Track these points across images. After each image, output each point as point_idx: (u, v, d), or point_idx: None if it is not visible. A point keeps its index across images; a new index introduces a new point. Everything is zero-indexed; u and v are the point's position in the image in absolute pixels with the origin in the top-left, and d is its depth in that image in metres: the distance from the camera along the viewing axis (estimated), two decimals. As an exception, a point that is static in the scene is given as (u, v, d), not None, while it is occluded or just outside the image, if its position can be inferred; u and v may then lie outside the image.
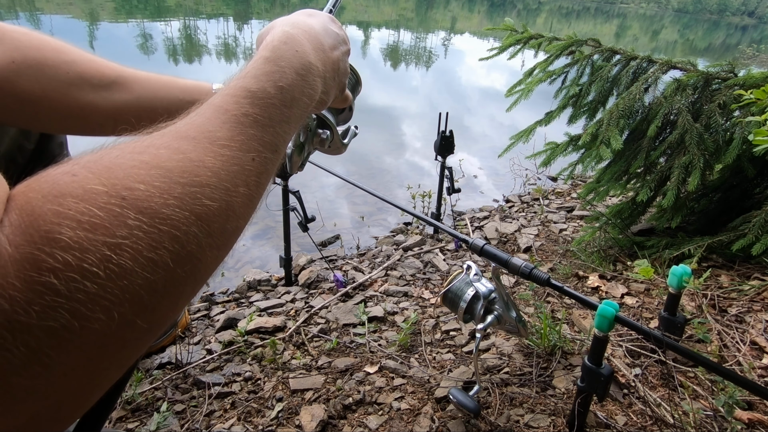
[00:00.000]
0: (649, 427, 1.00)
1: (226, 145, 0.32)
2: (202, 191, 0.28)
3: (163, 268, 0.25)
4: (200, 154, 0.30)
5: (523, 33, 2.09)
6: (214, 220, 0.29)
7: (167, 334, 1.44)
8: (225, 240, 0.30)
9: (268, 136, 0.35)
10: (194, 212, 0.27)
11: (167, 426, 1.14)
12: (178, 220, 0.26)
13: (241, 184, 0.32)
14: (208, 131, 0.32)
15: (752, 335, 1.25)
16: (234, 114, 0.34)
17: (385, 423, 1.09)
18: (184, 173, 0.28)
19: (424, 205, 3.00)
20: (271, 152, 0.36)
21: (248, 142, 0.33)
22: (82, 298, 0.21)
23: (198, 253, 0.27)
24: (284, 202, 1.77)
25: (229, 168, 0.31)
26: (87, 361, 0.23)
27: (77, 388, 0.24)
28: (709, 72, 1.73)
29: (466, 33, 17.11)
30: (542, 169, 3.01)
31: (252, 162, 0.33)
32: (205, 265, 0.29)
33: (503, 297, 1.01)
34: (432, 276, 1.97)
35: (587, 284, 1.67)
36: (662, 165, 1.75)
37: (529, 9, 47.28)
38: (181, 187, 0.27)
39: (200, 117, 0.33)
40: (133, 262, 0.23)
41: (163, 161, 0.28)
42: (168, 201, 0.26)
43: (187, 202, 0.27)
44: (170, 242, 0.25)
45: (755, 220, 1.50)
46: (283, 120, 0.37)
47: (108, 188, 0.24)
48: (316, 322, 1.58)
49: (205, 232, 0.28)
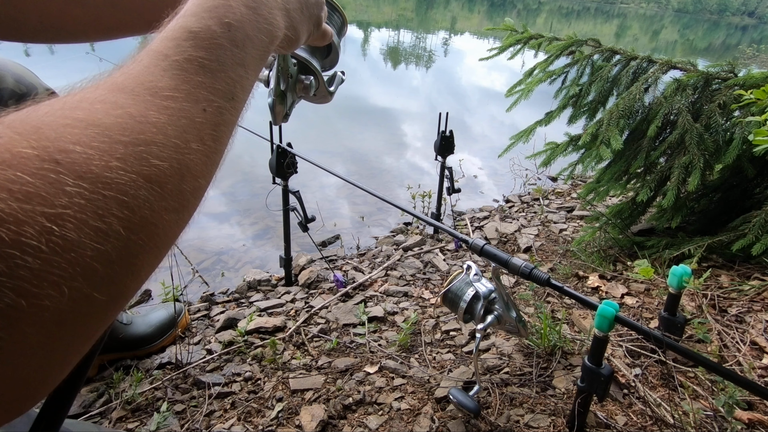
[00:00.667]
0: (649, 427, 1.00)
1: (170, 96, 0.28)
2: (149, 150, 0.26)
3: (114, 236, 0.23)
4: (142, 108, 0.27)
5: (523, 33, 2.09)
6: (167, 181, 0.26)
7: (167, 335, 1.44)
8: (183, 201, 0.28)
9: (220, 82, 0.31)
10: (142, 174, 0.25)
11: (167, 426, 1.14)
12: (125, 184, 0.24)
13: (193, 140, 0.29)
14: (149, 81, 0.28)
15: (752, 335, 1.25)
16: (175, 59, 0.30)
17: (385, 423, 1.09)
18: (126, 130, 0.25)
19: (424, 205, 3.00)
20: (225, 100, 0.32)
21: (196, 91, 0.30)
22: (25, 275, 0.20)
23: (153, 218, 0.25)
24: (284, 202, 1.77)
25: (176, 122, 0.28)
26: (46, 338, 0.22)
27: (41, 365, 0.23)
28: (709, 72, 1.73)
29: (466, 33, 17.11)
30: (542, 169, 3.01)
31: (203, 113, 0.30)
32: (164, 230, 0.27)
33: (503, 297, 1.01)
34: (432, 276, 1.97)
35: (587, 284, 1.67)
36: (662, 165, 1.75)
37: (529, 9, 47.27)
38: (123, 147, 0.24)
39: (138, 65, 0.29)
40: (78, 232, 0.22)
41: (100, 118, 0.25)
42: (110, 163, 0.24)
43: (133, 163, 0.25)
44: (118, 208, 0.23)
45: (755, 220, 1.50)
46: (236, 63, 0.33)
47: (39, 151, 0.22)
48: (316, 322, 1.58)
49: (157, 194, 0.26)
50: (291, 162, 1.68)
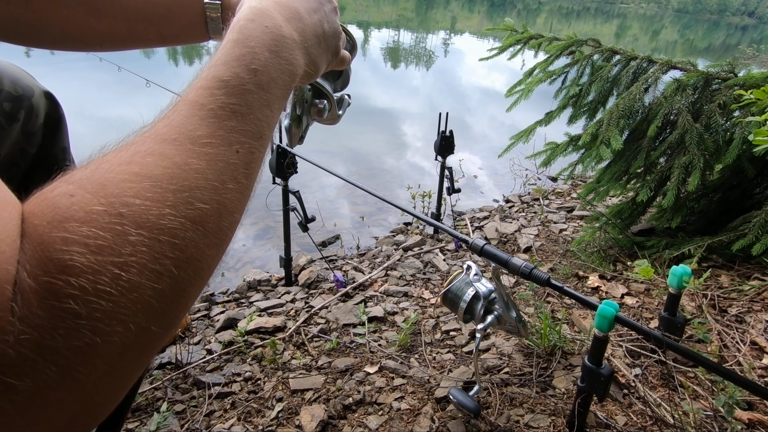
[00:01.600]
0: (649, 427, 1.00)
1: (207, 143, 0.31)
2: (193, 195, 0.29)
3: (167, 275, 0.26)
4: (184, 156, 0.30)
5: (523, 33, 2.09)
6: (209, 221, 0.29)
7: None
8: (222, 237, 0.31)
9: (249, 125, 0.35)
10: (188, 217, 0.28)
11: (167, 426, 1.14)
12: (175, 228, 0.27)
13: (229, 180, 0.32)
14: (188, 131, 0.31)
15: (752, 335, 1.25)
16: (210, 108, 0.33)
17: (385, 423, 1.09)
18: (173, 179, 0.28)
19: (424, 205, 3.00)
20: (254, 140, 0.35)
21: (229, 136, 0.33)
22: (100, 316, 0.23)
23: (198, 255, 0.28)
24: (284, 202, 1.77)
25: (214, 166, 0.31)
26: (111, 369, 0.25)
27: (105, 393, 0.26)
28: (709, 72, 1.73)
29: (466, 33, 17.11)
30: (542, 169, 3.01)
31: (236, 155, 0.33)
32: (206, 264, 0.30)
33: (503, 297, 1.01)
34: (432, 276, 1.97)
35: (587, 284, 1.67)
36: (662, 165, 1.75)
37: (529, 9, 47.27)
38: (172, 195, 0.28)
39: (178, 115, 0.32)
40: (140, 275, 0.25)
41: (151, 170, 0.28)
42: (163, 211, 0.27)
43: (181, 209, 0.28)
44: (171, 250, 0.27)
45: (755, 220, 1.50)
46: (263, 105, 0.36)
47: (106, 207, 0.25)
48: (316, 322, 1.58)
49: (201, 233, 0.29)
50: (291, 162, 1.68)
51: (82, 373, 0.23)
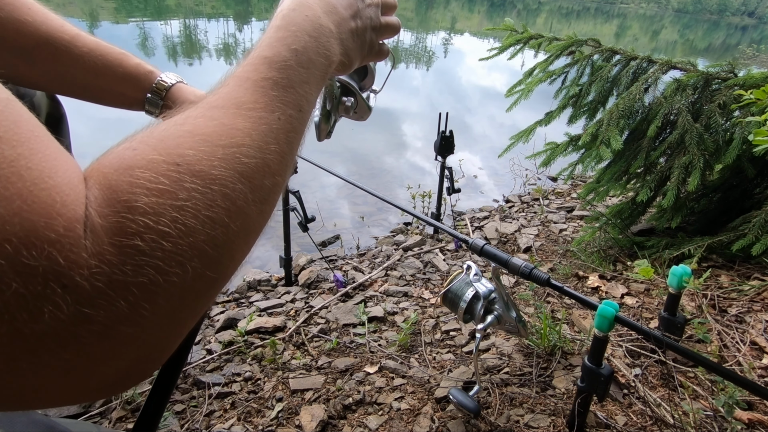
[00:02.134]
0: (649, 427, 1.00)
1: (251, 107, 0.35)
2: (240, 150, 0.31)
3: (220, 223, 0.28)
4: (231, 118, 0.33)
5: (523, 33, 2.09)
6: (254, 176, 0.32)
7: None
8: (265, 195, 0.34)
9: (290, 96, 0.38)
10: (237, 170, 0.30)
11: (167, 426, 1.14)
12: (225, 179, 0.29)
13: (272, 142, 0.35)
14: (234, 98, 0.35)
15: (752, 335, 1.25)
16: (254, 80, 0.37)
17: (385, 423, 1.09)
18: (222, 136, 0.31)
19: (424, 205, 3.00)
20: (295, 110, 0.38)
21: (271, 104, 0.36)
22: (161, 255, 0.25)
23: (246, 208, 0.31)
24: (284, 202, 1.77)
25: (258, 128, 0.34)
26: (171, 311, 0.27)
27: (166, 335, 0.28)
28: (709, 72, 1.73)
29: (466, 33, 17.11)
30: (542, 169, 3.01)
31: (278, 121, 0.36)
32: (253, 219, 0.32)
33: (503, 297, 1.01)
34: (432, 276, 1.97)
35: (587, 284, 1.67)
36: (662, 165, 1.75)
37: (529, 9, 47.29)
38: (222, 149, 0.30)
39: (225, 87, 0.36)
40: (196, 220, 0.27)
41: (202, 128, 0.31)
42: (213, 162, 0.29)
43: (230, 162, 0.30)
44: (222, 200, 0.29)
45: (755, 220, 1.50)
46: (302, 81, 0.40)
47: (165, 157, 0.28)
48: (316, 322, 1.58)
49: (248, 187, 0.31)
50: (291, 162, 1.68)
51: (147, 311, 0.25)
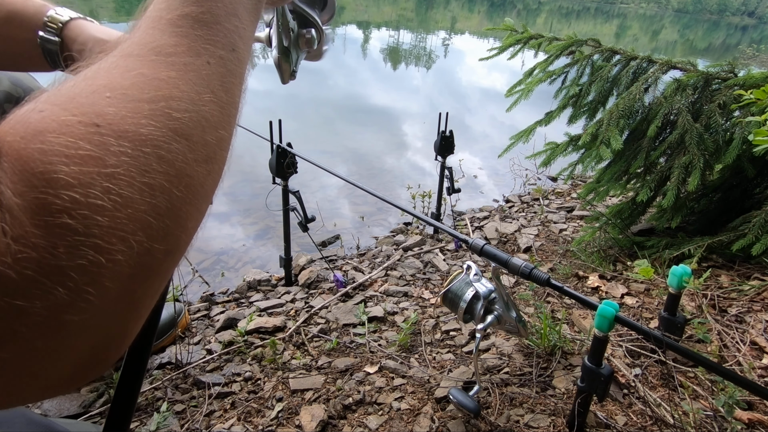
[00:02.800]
0: (649, 427, 1.00)
1: (172, 52, 0.29)
2: (169, 105, 0.27)
3: (160, 190, 0.25)
4: (152, 68, 0.28)
5: (523, 33, 2.09)
6: (192, 133, 0.28)
7: (167, 335, 1.44)
8: (210, 152, 0.29)
9: (217, 34, 0.32)
10: (169, 127, 0.26)
11: (167, 426, 1.14)
12: (158, 139, 0.25)
13: (205, 91, 0.30)
14: (150, 42, 0.29)
15: (752, 335, 1.25)
16: (169, 18, 0.31)
17: (385, 423, 1.09)
18: (144, 89, 0.26)
19: (424, 205, 3.00)
20: (227, 51, 0.32)
21: (196, 45, 0.30)
22: (98, 233, 0.22)
23: (188, 171, 0.27)
24: (284, 202, 1.77)
25: (185, 76, 0.29)
26: (122, 292, 0.24)
27: (122, 318, 0.25)
28: (709, 72, 1.73)
29: (466, 33, 17.12)
30: (542, 169, 3.01)
31: (208, 66, 0.31)
32: (198, 182, 0.28)
33: (503, 297, 1.01)
34: (432, 276, 1.97)
35: (587, 284, 1.67)
36: (662, 165, 1.75)
37: (529, 9, 47.30)
38: (147, 105, 0.26)
39: (137, 31, 0.30)
40: (131, 188, 0.23)
41: (120, 81, 0.26)
42: (140, 120, 0.25)
43: (160, 119, 0.26)
44: (158, 163, 0.25)
45: (755, 220, 1.50)
46: (229, 13, 0.33)
47: (80, 117, 0.23)
48: (316, 322, 1.58)
49: (186, 146, 0.27)
50: (291, 162, 1.68)
51: (93, 295, 0.22)
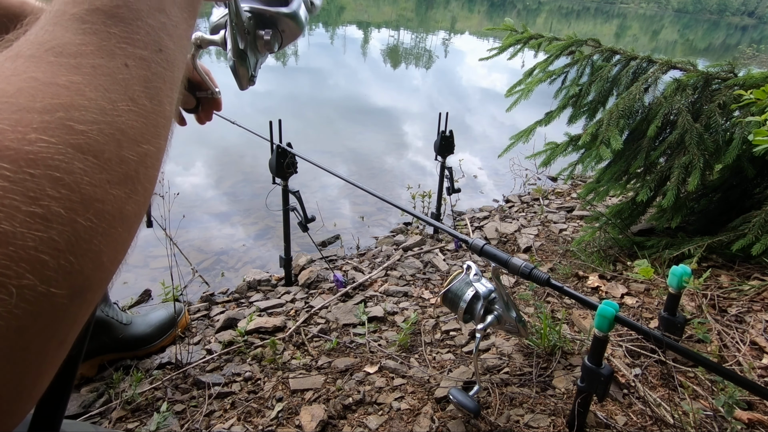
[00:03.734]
0: (649, 427, 1.00)
1: (77, 52, 0.24)
2: (70, 115, 0.22)
3: (56, 220, 0.20)
4: (48, 71, 0.23)
5: (523, 33, 2.09)
6: (102, 149, 0.23)
7: (167, 335, 1.44)
8: (128, 171, 0.24)
9: (138, 32, 0.27)
10: (69, 143, 0.21)
11: (167, 426, 1.14)
12: (52, 157, 0.20)
13: (121, 98, 0.25)
14: (48, 41, 0.24)
15: (752, 335, 1.25)
16: (74, 13, 0.25)
17: (385, 423, 1.09)
18: (35, 97, 0.21)
19: (424, 205, 3.00)
20: (152, 52, 0.27)
21: (109, 45, 0.25)
22: None
23: (98, 194, 0.22)
24: (284, 202, 1.77)
25: (94, 81, 0.24)
26: (9, 349, 0.19)
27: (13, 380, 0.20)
28: (709, 72, 1.73)
29: (466, 33, 17.12)
30: (542, 169, 3.02)
31: (126, 69, 0.25)
32: (114, 206, 0.23)
33: (503, 297, 1.01)
34: (432, 276, 1.97)
35: (587, 284, 1.67)
36: (662, 165, 1.75)
37: (529, 9, 47.32)
38: (39, 115, 0.21)
39: (34, 29, 0.25)
40: (11, 221, 0.19)
41: (2, 87, 0.21)
42: (28, 136, 0.20)
43: (56, 133, 0.21)
44: (52, 187, 0.20)
45: (755, 220, 1.50)
46: (152, 8, 0.28)
47: None
48: (316, 322, 1.58)
49: (94, 166, 0.22)
50: (291, 162, 1.68)
51: None
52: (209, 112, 0.73)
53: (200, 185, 3.13)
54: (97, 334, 1.29)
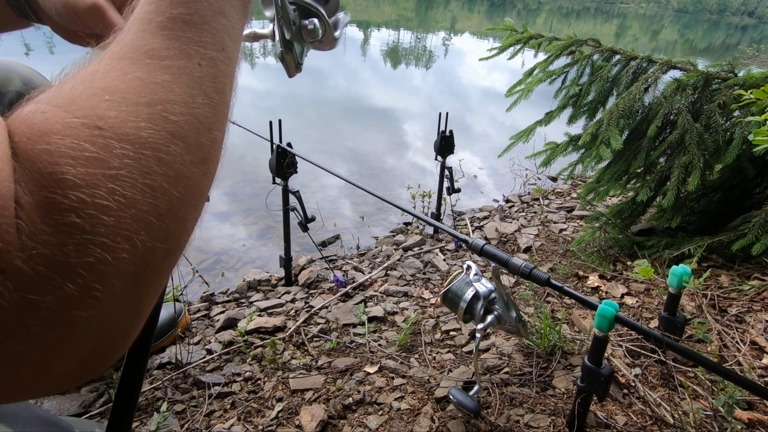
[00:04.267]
0: (649, 427, 1.00)
1: (165, 56, 0.29)
2: (166, 108, 0.27)
3: (160, 191, 0.25)
4: (147, 72, 0.28)
5: (523, 33, 2.08)
6: (188, 135, 0.28)
7: (167, 335, 1.44)
8: (204, 154, 0.30)
9: (206, 35, 0.32)
10: (167, 130, 0.27)
11: (167, 426, 1.14)
12: (157, 141, 0.26)
13: (198, 94, 0.30)
14: (142, 46, 0.29)
15: (752, 335, 1.25)
16: (158, 22, 0.31)
17: (385, 423, 1.09)
18: (141, 93, 0.27)
19: (424, 205, 3.00)
20: (217, 51, 0.32)
21: (186, 48, 0.30)
22: (104, 231, 0.23)
23: (186, 172, 0.28)
24: (284, 202, 1.77)
25: (179, 80, 0.29)
26: (127, 290, 0.24)
27: (126, 316, 0.26)
28: (709, 72, 1.73)
29: (466, 33, 17.11)
30: (542, 169, 3.01)
31: (200, 68, 0.31)
32: (195, 183, 0.29)
33: (503, 297, 1.01)
34: (432, 276, 1.97)
35: (587, 284, 1.67)
36: (662, 165, 1.75)
37: (529, 9, 47.32)
38: (146, 108, 0.26)
39: (128, 34, 0.30)
40: (134, 189, 0.24)
41: (118, 85, 0.26)
42: (140, 124, 0.25)
43: (158, 122, 0.26)
44: (158, 165, 0.26)
45: (755, 220, 1.50)
46: (216, 13, 0.33)
47: (83, 120, 0.24)
48: (316, 322, 1.58)
49: (183, 148, 0.28)
50: (291, 162, 1.68)
51: (100, 292, 0.23)
52: None
53: (200, 185, 3.12)
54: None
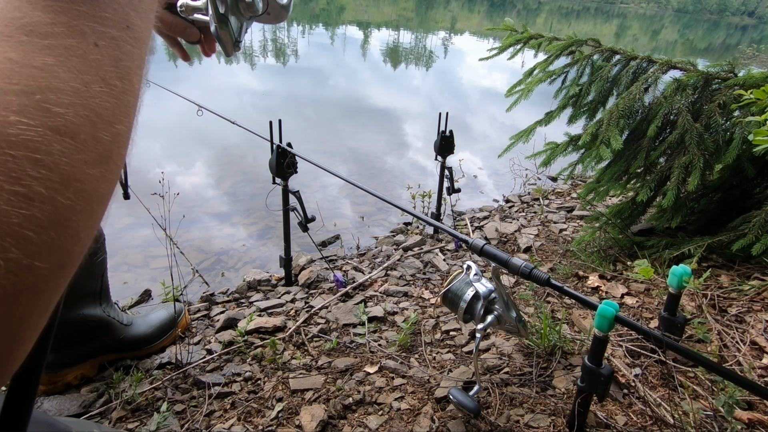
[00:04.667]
0: (649, 427, 1.00)
1: (49, 33, 0.24)
2: (46, 98, 0.22)
3: (38, 199, 0.21)
4: (22, 52, 0.23)
5: (523, 33, 2.09)
6: (79, 131, 0.23)
7: (167, 335, 1.44)
8: (103, 151, 0.25)
9: (106, 10, 0.27)
10: (48, 125, 0.22)
11: (167, 426, 1.14)
12: (32, 140, 0.21)
13: (94, 80, 0.25)
14: (18, 18, 0.24)
15: (752, 335, 1.25)
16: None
17: (385, 423, 1.09)
18: (12, 79, 0.22)
19: (424, 205, 3.00)
20: (119, 30, 0.27)
21: (79, 24, 0.25)
22: None
23: (75, 174, 0.23)
24: (284, 202, 1.77)
25: (66, 63, 0.24)
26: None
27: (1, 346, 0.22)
28: (709, 72, 1.73)
29: (466, 33, 17.11)
30: (542, 169, 3.01)
31: (96, 49, 0.26)
32: (91, 185, 0.24)
33: (503, 297, 1.01)
34: (432, 276, 1.97)
35: (587, 284, 1.67)
36: (662, 165, 1.75)
37: (529, 9, 47.33)
38: (17, 97, 0.22)
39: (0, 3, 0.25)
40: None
41: None
42: (9, 118, 0.21)
43: (34, 116, 0.22)
44: (33, 168, 0.21)
45: (755, 220, 1.50)
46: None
47: None
48: (316, 322, 1.58)
49: (72, 147, 0.23)
50: (291, 162, 1.68)
51: None
52: (212, 43, 0.73)
53: (200, 185, 3.13)
54: (98, 335, 1.29)
